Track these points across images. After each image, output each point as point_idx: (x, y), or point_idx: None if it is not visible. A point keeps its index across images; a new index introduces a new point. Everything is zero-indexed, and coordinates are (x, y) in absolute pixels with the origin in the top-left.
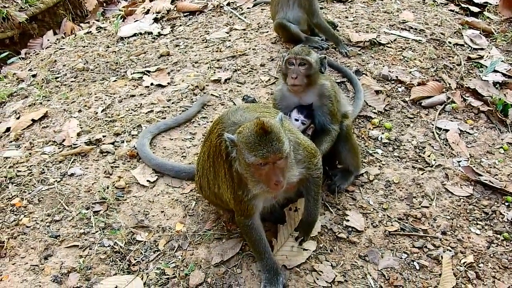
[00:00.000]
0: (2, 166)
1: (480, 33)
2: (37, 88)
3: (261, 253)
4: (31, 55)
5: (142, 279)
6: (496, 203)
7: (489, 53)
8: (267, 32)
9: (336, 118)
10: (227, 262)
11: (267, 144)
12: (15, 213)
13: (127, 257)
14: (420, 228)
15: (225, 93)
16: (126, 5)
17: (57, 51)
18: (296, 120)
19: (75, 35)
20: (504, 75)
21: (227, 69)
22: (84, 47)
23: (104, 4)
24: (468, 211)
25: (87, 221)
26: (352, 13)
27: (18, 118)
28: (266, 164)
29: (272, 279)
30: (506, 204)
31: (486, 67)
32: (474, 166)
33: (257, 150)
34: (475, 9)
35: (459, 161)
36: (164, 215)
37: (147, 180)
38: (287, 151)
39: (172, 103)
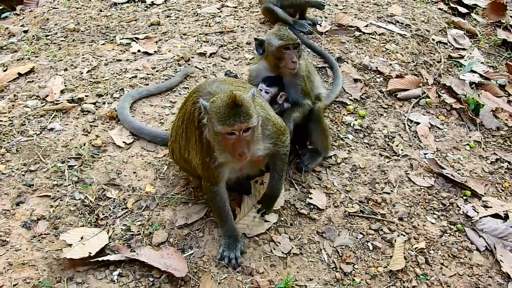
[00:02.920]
0: None
1: (465, 33)
2: (27, 44)
3: (223, 220)
4: (25, 12)
5: (107, 233)
6: (454, 196)
7: (471, 53)
8: (257, 12)
9: (309, 96)
10: (190, 225)
11: (235, 115)
12: None
13: (96, 211)
14: (379, 212)
15: (209, 67)
16: None
17: (50, 10)
18: (260, 90)
19: None
20: (481, 76)
21: (214, 44)
22: (77, 8)
23: None
24: (427, 200)
25: (61, 174)
26: (343, 1)
27: (5, 70)
28: (232, 134)
29: (231, 245)
30: (464, 198)
31: (465, 66)
32: (438, 160)
33: (225, 120)
34: (463, 10)
35: (425, 153)
36: (136, 176)
37: (123, 142)
38: (254, 124)
39: (156, 71)
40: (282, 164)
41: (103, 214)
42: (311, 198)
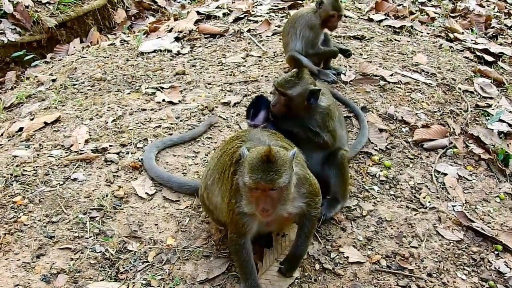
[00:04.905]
0: (10, 164)
1: (492, 82)
2: (54, 93)
3: (247, 274)
4: (55, 60)
5: (127, 287)
6: (485, 250)
7: (498, 102)
8: (282, 61)
9: (329, 131)
10: (212, 280)
11: (264, 171)
12: (15, 210)
13: (116, 265)
14: (407, 268)
15: (232, 116)
16: (152, 21)
17: (79, 59)
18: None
19: (99, 46)
20: (509, 125)
21: (238, 93)
22: (105, 57)
23: (133, 18)
24: (456, 255)
25: (83, 226)
26: (367, 50)
27: (32, 119)
28: (258, 189)
29: None
30: (496, 252)
31: (493, 116)
32: (468, 212)
33: (253, 174)
34: (489, 58)
35: (453, 206)
36: (158, 228)
37: (146, 193)
38: (283, 185)
39: (180, 120)
40: (311, 226)
41: (124, 268)
42: (336, 253)
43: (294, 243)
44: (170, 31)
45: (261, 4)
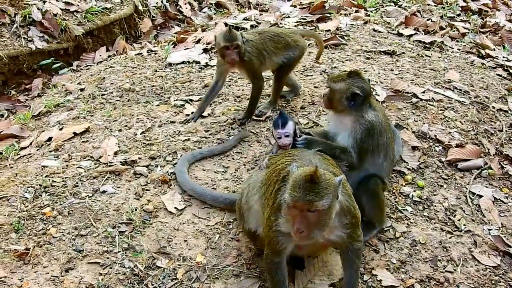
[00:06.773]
0: (39, 174)
1: None
2: (83, 102)
3: None
4: (82, 69)
5: None
6: None
7: None
8: (312, 75)
9: (360, 148)
10: None
11: (305, 191)
12: (44, 222)
13: (145, 282)
14: None
15: (262, 131)
16: (179, 31)
17: (107, 68)
18: (279, 137)
19: (126, 55)
20: None
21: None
22: (133, 68)
23: (158, 27)
24: (493, 282)
25: (112, 240)
26: (398, 66)
27: (61, 129)
28: (296, 208)
29: None
30: None
31: None
32: (504, 236)
33: (293, 192)
34: None
35: (489, 229)
36: (187, 244)
37: (175, 207)
38: (321, 208)
39: (210, 134)
40: (358, 259)
41: (152, 285)
42: (368, 275)
43: (344, 282)
44: (198, 42)
45: (288, 17)
